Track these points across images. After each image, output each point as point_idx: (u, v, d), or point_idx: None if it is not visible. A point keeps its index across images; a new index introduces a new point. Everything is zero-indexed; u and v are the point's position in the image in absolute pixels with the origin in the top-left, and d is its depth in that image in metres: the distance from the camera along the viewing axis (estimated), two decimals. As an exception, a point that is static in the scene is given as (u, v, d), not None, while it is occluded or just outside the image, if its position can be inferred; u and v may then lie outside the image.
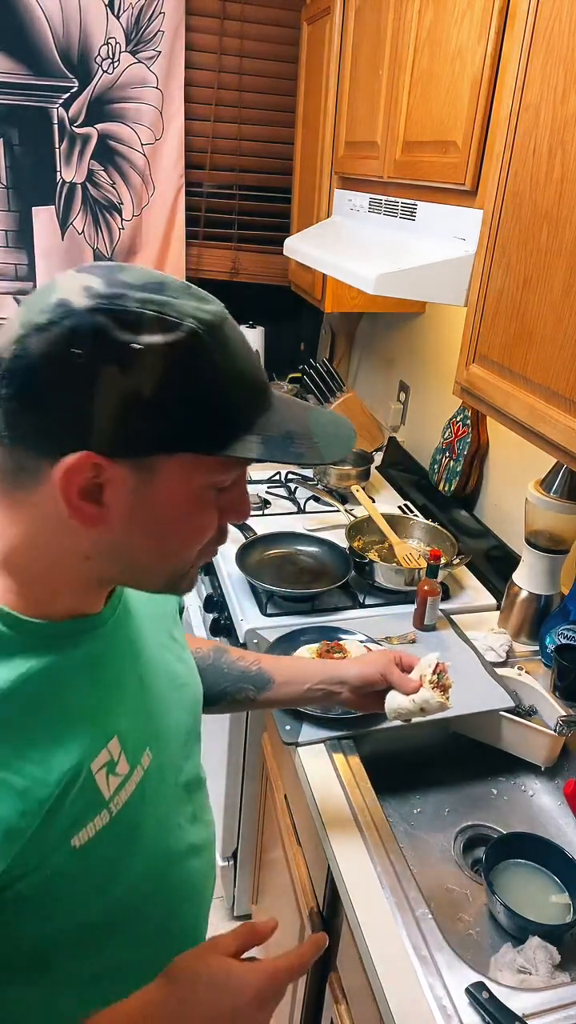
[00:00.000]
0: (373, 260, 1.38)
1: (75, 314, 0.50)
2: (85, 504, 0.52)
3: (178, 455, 0.53)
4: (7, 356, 0.50)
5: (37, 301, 0.51)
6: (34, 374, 0.50)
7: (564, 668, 1.31)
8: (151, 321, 0.50)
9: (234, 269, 2.70)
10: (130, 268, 0.54)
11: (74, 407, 0.50)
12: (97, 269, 0.53)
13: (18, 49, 2.19)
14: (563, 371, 0.98)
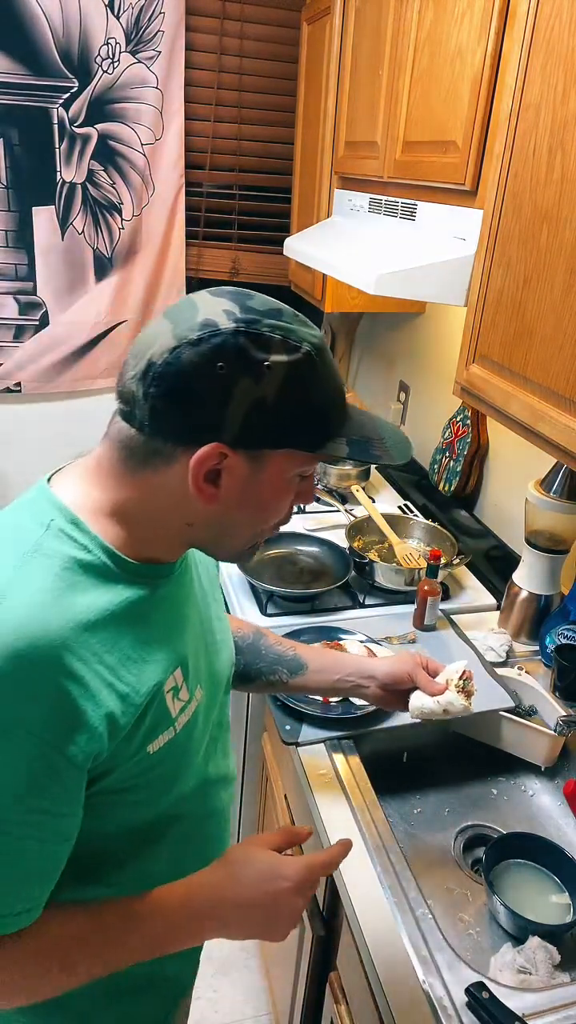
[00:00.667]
0: (373, 260, 1.38)
1: (221, 334, 0.61)
2: (207, 485, 0.64)
3: (283, 450, 0.66)
4: (159, 362, 0.62)
5: (185, 318, 0.63)
6: (182, 379, 0.61)
7: (564, 668, 1.31)
8: (279, 344, 0.63)
9: (234, 269, 2.70)
10: (253, 295, 0.66)
11: (212, 408, 0.62)
12: (229, 294, 0.65)
13: (18, 49, 2.19)
14: (563, 371, 0.98)
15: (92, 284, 2.53)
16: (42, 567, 0.62)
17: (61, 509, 0.66)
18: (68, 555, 0.64)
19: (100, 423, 2.51)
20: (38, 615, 0.60)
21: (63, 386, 2.64)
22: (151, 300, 2.63)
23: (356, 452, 0.68)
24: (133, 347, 0.66)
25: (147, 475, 0.66)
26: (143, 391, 0.63)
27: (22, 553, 0.63)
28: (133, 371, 0.64)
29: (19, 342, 2.54)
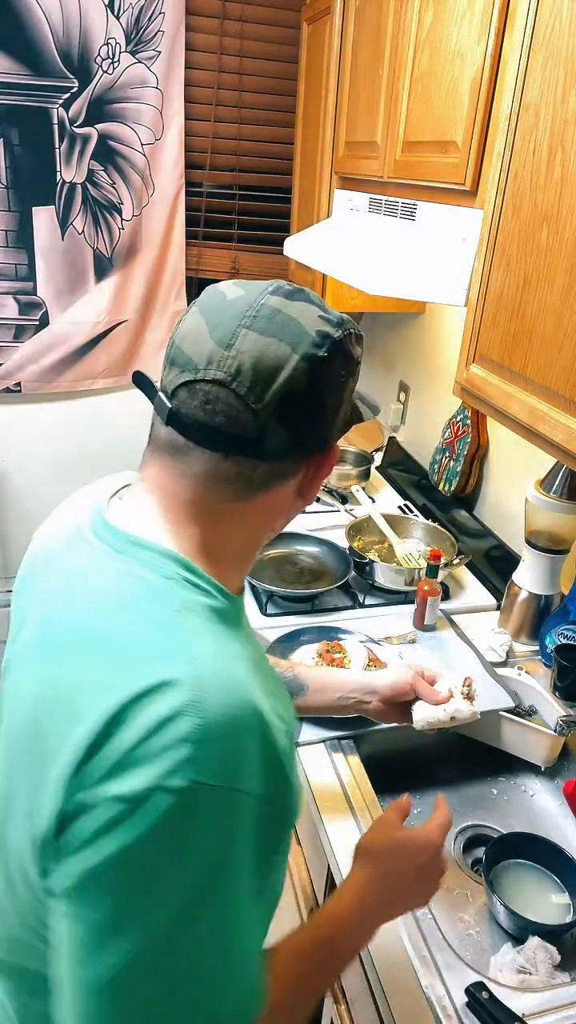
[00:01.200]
0: (373, 260, 1.38)
1: (337, 344, 0.63)
2: (311, 484, 0.67)
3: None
4: (300, 388, 0.60)
5: (295, 333, 0.61)
6: (321, 398, 0.62)
7: (564, 668, 1.31)
8: (354, 337, 0.66)
9: (234, 269, 2.70)
10: (305, 288, 0.66)
11: (335, 415, 0.65)
12: (297, 293, 0.64)
13: (18, 49, 2.19)
14: (563, 371, 0.98)
15: (92, 284, 2.53)
16: (198, 622, 0.58)
17: (169, 555, 0.61)
18: (204, 604, 0.60)
19: (100, 423, 2.53)
20: (228, 670, 0.56)
21: (63, 386, 2.64)
22: (151, 300, 2.63)
23: (370, 410, 0.72)
24: (236, 374, 0.58)
25: (258, 500, 0.64)
26: (281, 420, 0.60)
27: (173, 611, 0.57)
28: (259, 404, 0.59)
29: (19, 342, 2.54)
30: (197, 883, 0.51)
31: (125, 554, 0.61)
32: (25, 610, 0.68)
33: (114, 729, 0.51)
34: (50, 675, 0.58)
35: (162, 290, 2.63)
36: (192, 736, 0.50)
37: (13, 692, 0.64)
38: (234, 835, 0.53)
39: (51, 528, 0.74)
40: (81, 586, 0.61)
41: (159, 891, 0.50)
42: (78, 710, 0.53)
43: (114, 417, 2.78)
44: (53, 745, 0.54)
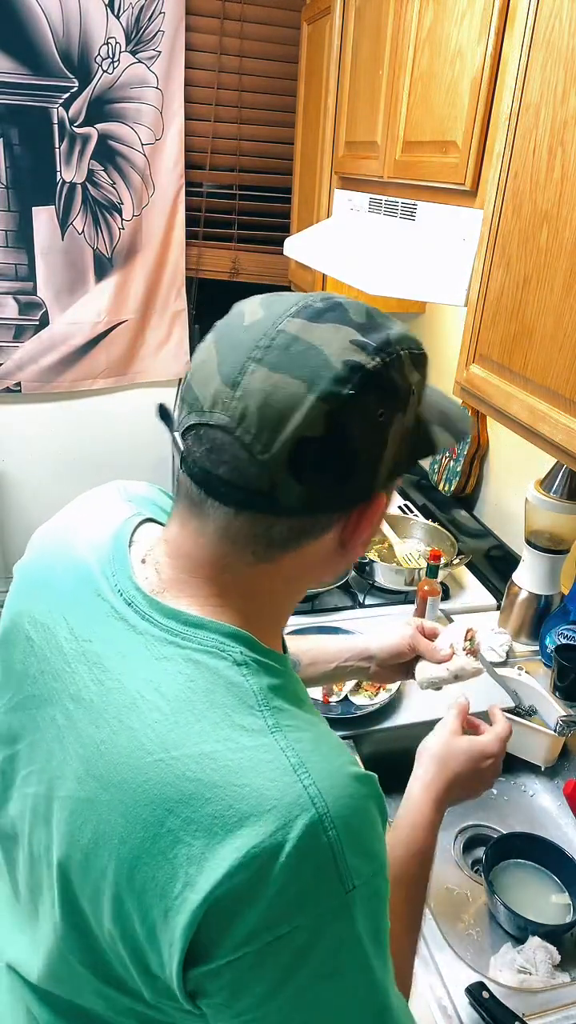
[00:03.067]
0: (373, 260, 1.38)
1: (372, 376, 0.50)
2: (357, 535, 0.56)
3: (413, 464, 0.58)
4: (314, 435, 0.49)
5: (316, 366, 0.49)
6: (347, 446, 0.50)
7: (564, 668, 1.31)
8: (409, 361, 0.53)
9: (234, 269, 2.70)
10: (343, 303, 0.54)
11: (375, 462, 0.52)
12: (328, 312, 0.52)
13: (18, 49, 2.19)
14: (563, 371, 0.98)
15: (92, 284, 2.53)
16: (280, 713, 0.52)
17: (232, 637, 0.54)
18: (272, 686, 0.53)
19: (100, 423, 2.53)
20: (333, 745, 0.53)
21: (63, 386, 2.64)
22: (151, 300, 2.63)
23: (455, 436, 0.60)
24: (241, 420, 0.49)
25: (286, 559, 0.55)
26: (296, 474, 0.50)
27: (257, 707, 0.51)
28: (265, 455, 0.49)
29: (19, 342, 2.54)
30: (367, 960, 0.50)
31: (185, 639, 0.53)
32: (27, 669, 0.59)
33: (247, 891, 0.46)
34: (104, 822, 0.51)
35: (162, 290, 2.63)
36: (341, 866, 0.48)
37: (40, 804, 0.57)
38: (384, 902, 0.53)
39: (55, 558, 0.63)
40: (138, 691, 0.52)
41: (357, 972, 0.50)
42: (166, 899, 0.48)
43: (114, 417, 2.79)
44: (138, 925, 0.50)
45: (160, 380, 2.77)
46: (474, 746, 0.84)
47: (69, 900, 0.54)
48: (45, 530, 0.69)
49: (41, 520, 0.72)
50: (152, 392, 2.80)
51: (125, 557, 0.58)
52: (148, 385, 2.78)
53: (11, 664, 0.61)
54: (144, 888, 0.49)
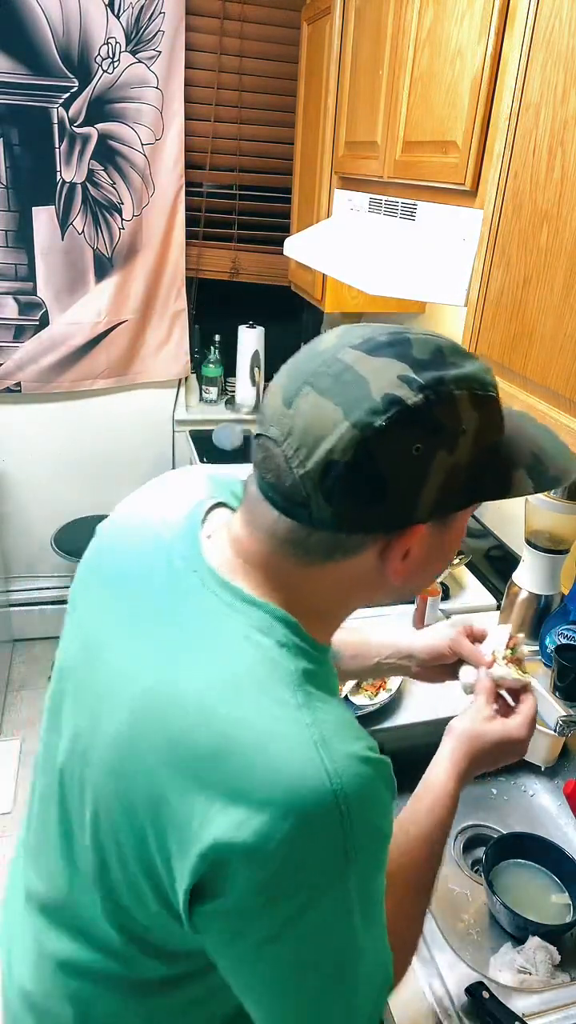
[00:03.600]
0: (373, 260, 1.38)
1: (411, 412, 0.52)
2: (400, 564, 0.59)
3: (472, 505, 0.59)
4: (341, 460, 0.52)
5: (357, 397, 0.53)
6: (375, 473, 0.53)
7: (564, 668, 1.31)
8: (467, 401, 0.55)
9: (234, 269, 2.70)
10: (409, 339, 0.56)
11: (409, 494, 0.54)
12: (389, 349, 0.55)
13: (18, 49, 2.19)
14: (563, 371, 0.98)
15: (92, 284, 2.53)
16: (311, 697, 0.57)
17: (278, 619, 0.59)
18: (307, 671, 0.58)
19: (100, 423, 2.53)
20: (352, 731, 0.58)
21: (63, 386, 2.64)
22: (151, 300, 2.63)
23: (539, 484, 0.60)
24: (287, 436, 0.54)
25: (327, 568, 0.59)
26: (324, 493, 0.54)
27: (292, 686, 0.56)
28: (302, 470, 0.54)
29: (19, 342, 2.54)
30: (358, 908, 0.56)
31: (236, 614, 0.59)
32: (97, 618, 0.68)
33: (261, 858, 0.51)
34: (147, 754, 0.56)
35: (162, 290, 2.63)
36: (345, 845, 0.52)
37: (90, 732, 0.63)
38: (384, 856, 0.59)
39: (135, 527, 0.71)
40: (190, 650, 0.58)
41: (342, 937, 0.56)
42: (184, 832, 0.53)
43: (114, 417, 2.79)
44: (151, 849, 0.56)
45: (160, 380, 2.77)
46: (505, 731, 0.83)
47: (98, 828, 0.61)
48: (130, 500, 0.76)
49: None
50: (152, 392, 2.80)
51: (196, 533, 0.64)
52: (148, 385, 2.78)
53: (84, 600, 0.71)
54: (166, 822, 0.54)
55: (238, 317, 2.73)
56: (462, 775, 0.80)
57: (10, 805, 2.31)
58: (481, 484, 0.58)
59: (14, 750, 2.51)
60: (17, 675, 2.88)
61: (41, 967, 0.72)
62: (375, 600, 0.66)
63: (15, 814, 2.29)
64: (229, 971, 0.58)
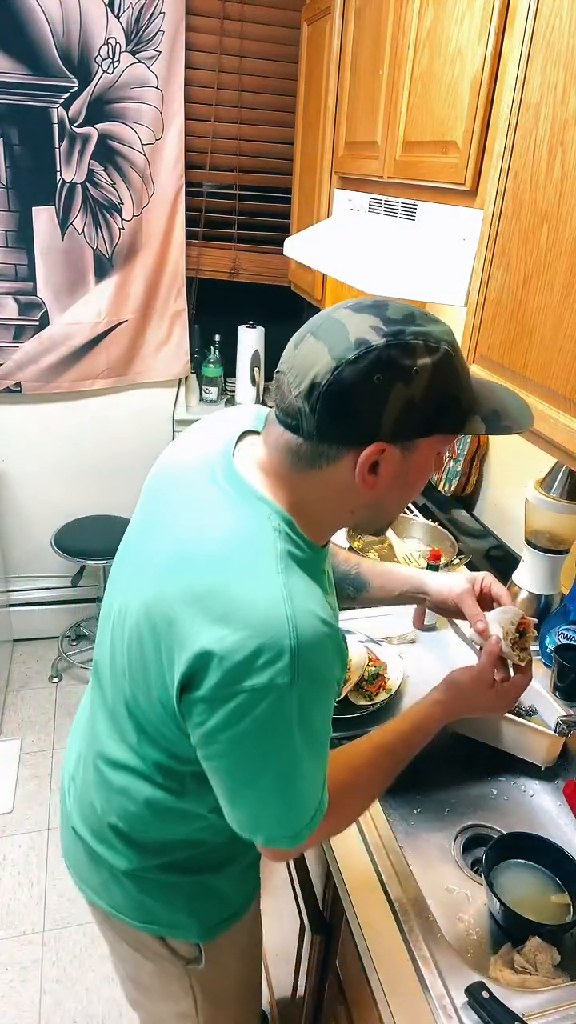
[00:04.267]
0: (373, 260, 1.38)
1: (375, 350, 0.70)
2: (368, 476, 0.74)
3: (430, 436, 0.75)
4: (323, 382, 0.70)
5: (338, 339, 0.71)
6: (346, 394, 0.70)
7: (564, 668, 1.31)
8: (422, 348, 0.71)
9: (234, 269, 2.70)
10: (388, 304, 0.74)
11: (372, 414, 0.71)
12: (369, 308, 0.74)
13: (18, 49, 2.19)
14: (563, 371, 0.98)
15: (92, 284, 2.53)
16: (292, 569, 0.74)
17: (277, 512, 0.77)
18: (295, 556, 0.76)
19: (100, 423, 2.53)
20: (318, 602, 0.74)
21: (63, 386, 2.65)
22: (151, 300, 2.63)
23: (491, 428, 0.76)
24: (291, 368, 0.74)
25: (315, 474, 0.76)
26: (309, 407, 0.72)
27: (276, 557, 0.74)
28: (297, 390, 0.73)
29: (19, 342, 2.54)
30: (304, 738, 0.75)
31: (246, 503, 0.77)
32: (152, 511, 0.88)
33: (226, 672, 0.70)
34: (169, 591, 0.76)
35: (162, 290, 2.63)
36: (291, 669, 0.70)
37: (136, 581, 0.83)
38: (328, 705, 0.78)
39: (188, 446, 0.91)
40: (211, 524, 0.77)
41: (282, 739, 0.74)
42: (184, 641, 0.73)
43: (114, 417, 2.79)
44: (163, 656, 0.76)
45: (160, 380, 2.77)
46: (497, 695, 0.99)
47: (132, 647, 0.83)
48: (190, 429, 0.96)
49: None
50: (152, 392, 2.80)
51: (231, 450, 0.83)
52: (148, 385, 2.78)
53: (144, 501, 0.93)
54: (174, 635, 0.74)
55: (238, 317, 2.73)
56: (444, 720, 0.97)
57: (10, 805, 2.31)
58: (439, 419, 0.74)
59: (14, 750, 2.51)
60: (17, 675, 2.88)
61: (88, 763, 0.98)
62: (358, 512, 0.81)
63: (15, 814, 2.29)
64: (204, 759, 0.78)
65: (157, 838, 0.95)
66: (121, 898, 1.00)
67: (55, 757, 2.50)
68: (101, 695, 0.95)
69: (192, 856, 0.97)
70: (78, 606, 3.01)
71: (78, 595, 2.97)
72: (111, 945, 1.11)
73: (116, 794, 0.93)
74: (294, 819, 0.78)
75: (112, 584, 0.95)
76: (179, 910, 1.00)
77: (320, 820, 0.81)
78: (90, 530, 2.72)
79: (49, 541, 2.70)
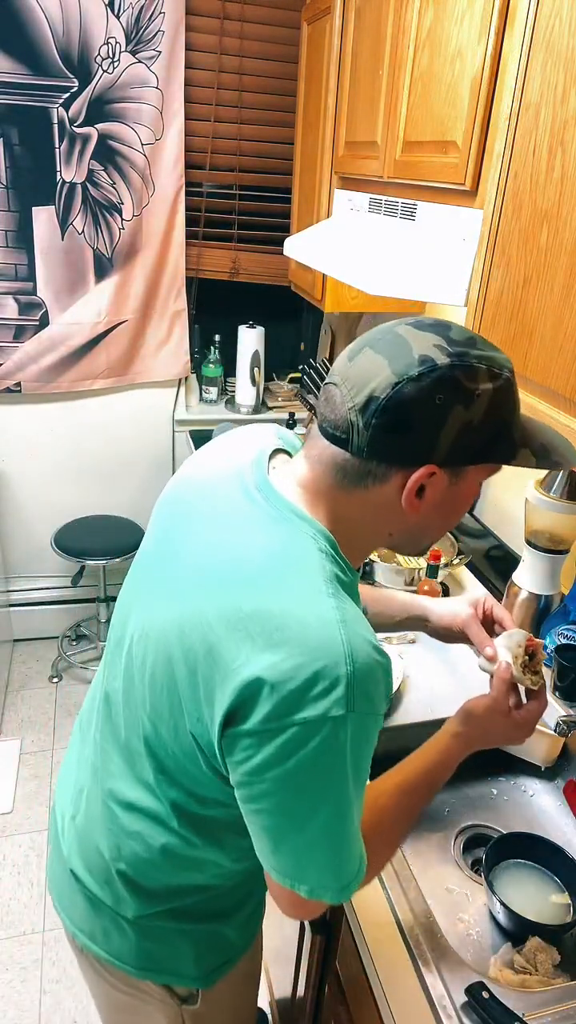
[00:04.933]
0: (373, 260, 1.38)
1: (439, 369, 0.67)
2: (415, 499, 0.71)
3: (481, 464, 0.72)
4: (382, 396, 0.67)
5: (401, 354, 0.68)
6: (405, 411, 0.67)
7: (564, 668, 1.31)
8: (484, 373, 0.69)
9: (234, 269, 2.70)
10: (451, 325, 0.72)
11: (428, 434, 0.68)
12: (432, 327, 0.71)
13: (18, 49, 2.19)
14: (563, 371, 0.98)
15: (92, 284, 2.53)
16: (339, 592, 0.71)
17: (321, 532, 0.74)
18: (340, 579, 0.73)
19: (100, 423, 2.53)
20: (368, 629, 0.71)
21: (63, 386, 2.64)
22: (151, 300, 2.63)
23: (541, 461, 0.74)
24: (345, 380, 0.70)
25: (359, 492, 0.72)
26: (364, 421, 0.68)
27: (325, 580, 0.70)
28: (351, 403, 0.69)
29: (19, 342, 2.54)
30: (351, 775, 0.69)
31: (289, 522, 0.73)
32: (173, 527, 0.83)
33: (279, 702, 0.65)
34: (207, 613, 0.71)
35: (162, 290, 2.63)
36: (346, 700, 0.66)
37: (158, 603, 0.78)
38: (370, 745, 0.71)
39: (211, 459, 0.87)
40: (252, 541, 0.73)
41: (334, 779, 0.68)
42: (228, 669, 0.67)
43: (114, 417, 2.79)
44: (199, 687, 0.71)
45: (160, 380, 2.77)
46: (514, 725, 0.92)
47: (155, 677, 0.77)
48: (206, 447, 0.92)
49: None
50: (152, 392, 2.80)
51: (264, 463, 0.80)
52: (148, 385, 2.78)
53: (163, 514, 0.87)
54: (215, 661, 0.69)
55: (238, 317, 2.73)
56: (463, 754, 0.91)
57: (10, 805, 2.31)
58: (492, 447, 0.71)
59: (14, 750, 2.51)
60: (17, 675, 2.88)
61: (93, 801, 0.90)
62: (396, 535, 0.77)
63: (15, 814, 2.29)
64: (245, 802, 0.72)
65: (167, 884, 0.88)
66: (121, 945, 0.93)
67: (55, 757, 2.50)
68: (112, 729, 0.88)
69: (200, 901, 0.91)
70: (78, 606, 3.02)
71: (78, 595, 2.97)
72: (98, 989, 1.03)
73: (128, 839, 0.86)
74: (343, 868, 0.72)
75: (125, 607, 0.88)
76: (183, 957, 0.94)
77: (365, 871, 0.75)
78: (90, 530, 2.72)
79: (49, 541, 2.70)
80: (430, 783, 0.88)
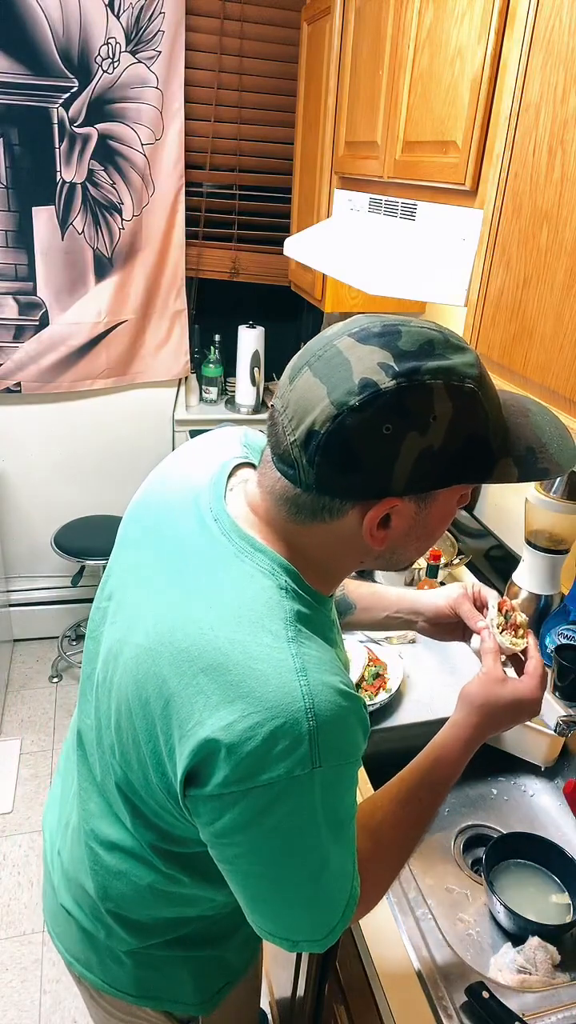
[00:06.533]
0: (373, 260, 1.38)
1: (383, 395, 0.58)
2: (378, 531, 0.65)
3: (452, 486, 0.65)
4: (321, 431, 0.60)
5: (340, 378, 0.60)
6: (348, 446, 0.60)
7: (564, 668, 1.31)
8: (441, 390, 0.60)
9: (234, 269, 2.70)
10: (400, 331, 0.62)
11: (380, 467, 0.60)
12: (376, 339, 0.61)
13: (18, 49, 2.19)
14: (563, 371, 0.98)
15: (92, 284, 2.53)
16: (302, 634, 0.65)
17: (281, 565, 0.68)
18: (299, 613, 0.67)
19: (100, 423, 2.53)
20: (333, 669, 0.65)
21: (63, 386, 2.64)
22: (151, 300, 2.63)
23: (526, 474, 0.66)
24: (286, 407, 0.63)
25: (317, 525, 0.66)
26: (308, 459, 0.61)
27: (285, 623, 0.65)
28: (292, 436, 0.62)
29: (19, 342, 2.54)
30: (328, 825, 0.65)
31: (245, 558, 0.68)
32: (134, 556, 0.78)
33: (237, 760, 0.60)
34: (160, 662, 0.66)
35: (162, 290, 2.63)
36: (311, 757, 0.61)
37: (120, 639, 0.74)
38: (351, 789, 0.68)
39: (171, 478, 0.81)
40: (206, 583, 0.67)
41: (306, 837, 0.64)
42: (184, 727, 0.63)
43: (114, 417, 2.79)
44: (159, 741, 0.66)
45: (160, 380, 2.77)
46: (516, 692, 0.86)
47: (120, 720, 0.72)
48: (173, 456, 0.86)
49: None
50: (152, 392, 2.80)
51: (222, 487, 0.73)
52: (148, 385, 2.78)
53: (127, 538, 0.82)
54: (171, 717, 0.64)
55: (238, 317, 2.73)
56: (470, 741, 0.84)
57: (10, 805, 2.31)
58: (462, 468, 0.63)
59: (14, 750, 2.51)
60: (17, 675, 2.88)
61: (76, 839, 0.87)
62: (367, 563, 0.72)
63: (15, 814, 2.29)
64: (217, 859, 0.68)
65: (159, 918, 0.85)
66: (118, 973, 0.91)
67: (55, 757, 2.50)
68: (87, 768, 0.84)
69: (196, 929, 0.88)
70: (78, 606, 3.01)
71: (78, 595, 2.97)
72: (96, 1014, 1.00)
73: (114, 879, 0.82)
74: (324, 921, 0.69)
75: (94, 640, 0.83)
76: (182, 983, 0.92)
77: (353, 910, 0.71)
78: (90, 530, 2.72)
79: (49, 541, 2.70)
80: (432, 784, 0.82)
